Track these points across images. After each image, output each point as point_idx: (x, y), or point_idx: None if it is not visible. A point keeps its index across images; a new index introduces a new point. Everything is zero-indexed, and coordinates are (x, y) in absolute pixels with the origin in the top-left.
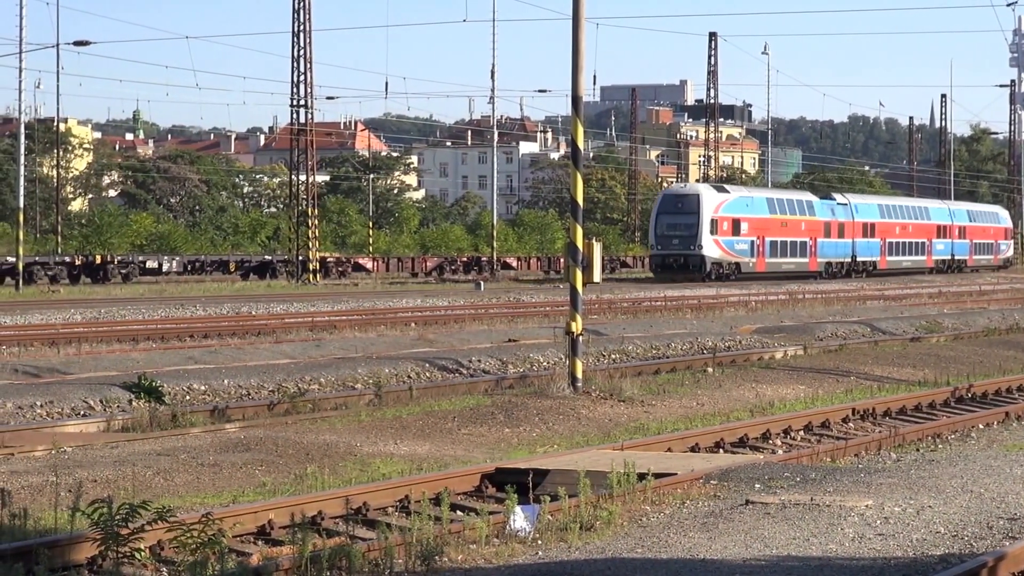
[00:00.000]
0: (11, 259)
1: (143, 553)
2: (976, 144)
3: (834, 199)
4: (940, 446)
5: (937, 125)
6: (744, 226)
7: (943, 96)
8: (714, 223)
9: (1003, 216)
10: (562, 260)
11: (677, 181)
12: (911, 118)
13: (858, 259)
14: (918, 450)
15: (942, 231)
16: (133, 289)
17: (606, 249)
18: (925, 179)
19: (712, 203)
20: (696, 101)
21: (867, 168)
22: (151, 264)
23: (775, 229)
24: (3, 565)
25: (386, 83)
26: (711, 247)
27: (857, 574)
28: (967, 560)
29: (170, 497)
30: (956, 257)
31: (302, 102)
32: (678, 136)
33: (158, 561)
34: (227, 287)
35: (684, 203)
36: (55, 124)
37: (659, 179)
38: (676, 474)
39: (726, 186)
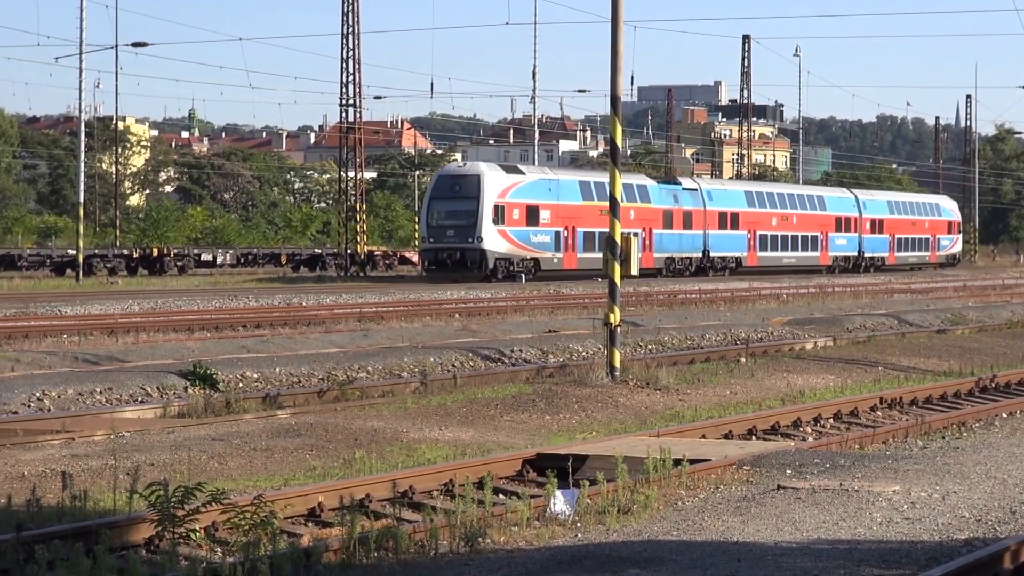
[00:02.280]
0: (72, 251)
1: (198, 534)
2: (1000, 143)
3: (679, 184)
4: (965, 434)
5: (962, 125)
6: (545, 214)
7: (968, 97)
8: (500, 210)
9: (946, 208)
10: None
11: (711, 176)
12: (937, 118)
13: (712, 254)
14: (943, 438)
15: (844, 223)
16: (188, 281)
17: None
18: (950, 177)
19: (497, 186)
20: (730, 101)
21: (894, 166)
22: (206, 257)
23: (591, 219)
24: (65, 544)
25: (431, 83)
26: (494, 239)
27: (885, 557)
28: (991, 544)
29: (224, 480)
30: (867, 254)
31: (351, 102)
32: (712, 135)
33: (212, 542)
34: (278, 278)
35: (462, 186)
36: (114, 122)
37: (692, 175)
38: (710, 460)
39: (521, 166)
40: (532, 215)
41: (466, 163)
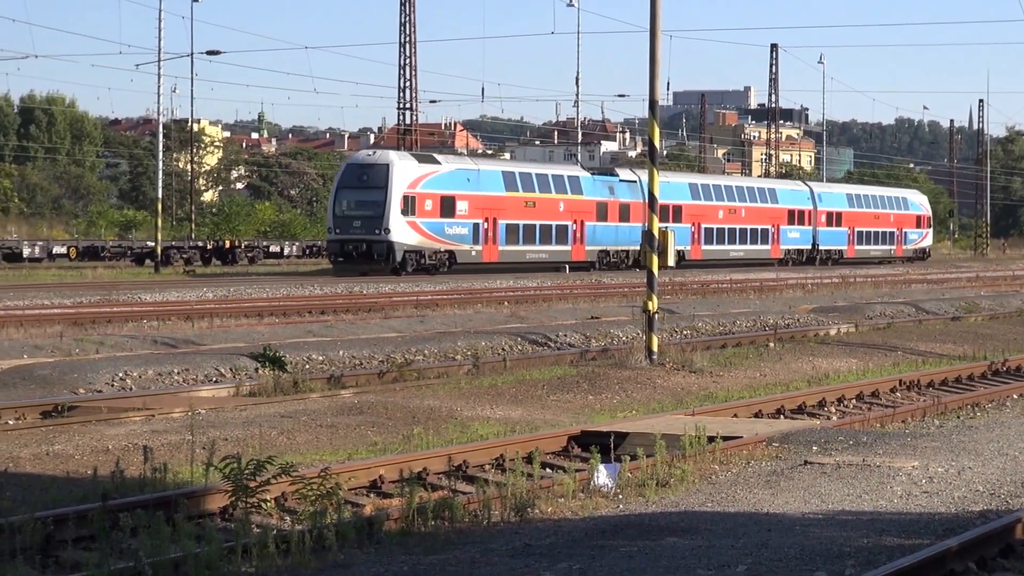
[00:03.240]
0: (150, 243)
1: (269, 504)
2: (1010, 144)
3: (616, 176)
4: (978, 414)
5: (975, 127)
6: (462, 205)
7: (980, 101)
8: (410, 200)
9: (915, 202)
10: None
11: (742, 173)
12: (952, 121)
13: None
14: (959, 417)
15: (798, 216)
16: (258, 270)
17: None
18: (963, 175)
19: (407, 175)
20: (759, 105)
21: (912, 165)
22: (274, 248)
23: (515, 210)
24: (146, 513)
25: (482, 88)
26: (403, 231)
27: (905, 528)
28: (1004, 515)
29: (292, 454)
30: (823, 247)
31: (408, 105)
32: (742, 136)
33: (282, 511)
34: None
35: (370, 175)
36: (189, 124)
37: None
38: (742, 437)
39: (437, 155)
40: (447, 206)
41: (375, 151)
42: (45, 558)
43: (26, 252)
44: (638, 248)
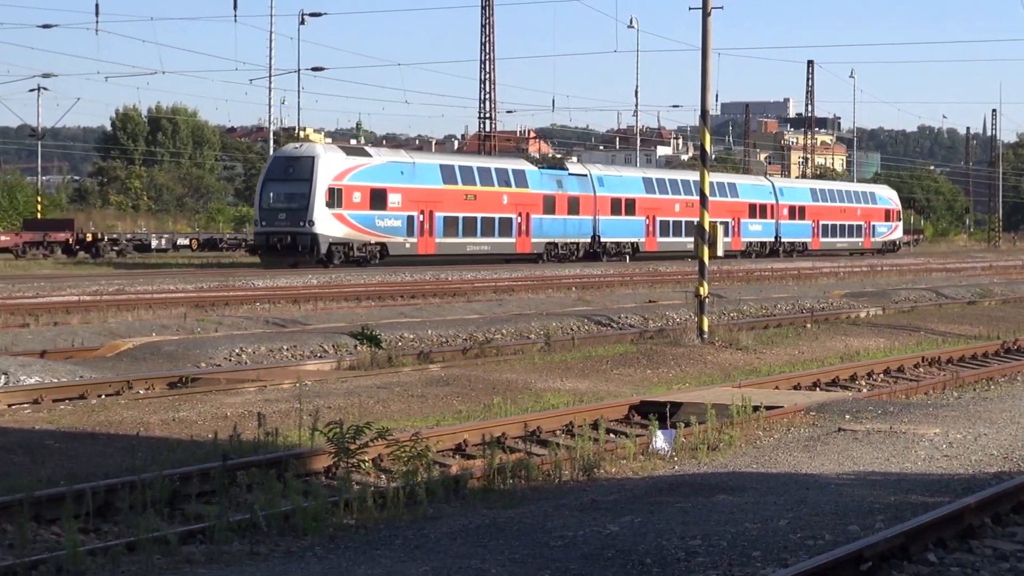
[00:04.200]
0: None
1: (367, 464)
2: (1021, 149)
3: (565, 169)
4: (992, 387)
5: (989, 133)
6: (395, 198)
7: (994, 110)
8: (336, 193)
9: (884, 197)
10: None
11: (781, 175)
12: (968, 128)
13: (604, 240)
14: (975, 390)
15: (760, 210)
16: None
17: None
18: (979, 177)
19: (333, 168)
20: (796, 114)
21: (932, 167)
22: (153, 243)
23: (454, 203)
24: (260, 471)
25: (552, 100)
26: (329, 223)
27: (928, 487)
28: (1016, 476)
29: (387, 421)
30: (785, 239)
31: (487, 115)
32: (782, 142)
33: (378, 470)
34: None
35: (296, 168)
36: (296, 132)
37: (766, 176)
38: (782, 407)
39: (368, 148)
40: (378, 198)
41: (302, 144)
42: (172, 511)
43: (154, 244)
44: (588, 240)
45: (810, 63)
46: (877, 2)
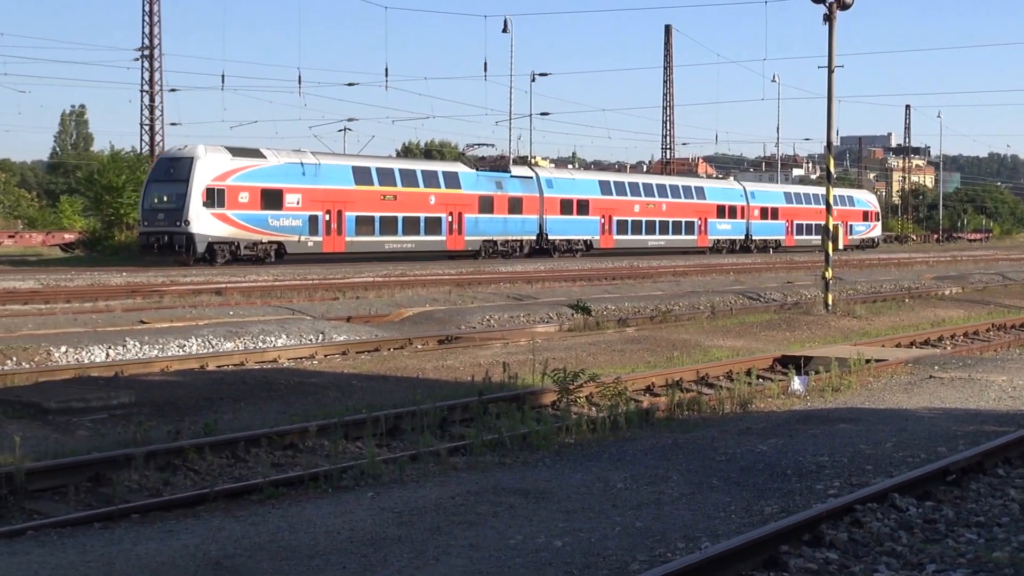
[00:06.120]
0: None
1: (581, 399)
2: None
3: (508, 172)
4: None
5: None
6: (294, 198)
7: None
8: (217, 193)
9: (863, 200)
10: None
11: (885, 192)
12: None
13: (553, 237)
14: None
15: (729, 211)
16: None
17: None
18: None
19: (213, 169)
20: (897, 144)
21: (999, 183)
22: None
23: (368, 203)
24: (505, 404)
25: (716, 135)
26: (208, 223)
27: (998, 419)
28: None
29: (596, 368)
30: (756, 236)
31: (667, 146)
32: (885, 166)
33: (590, 404)
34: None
35: (175, 168)
36: (528, 159)
37: (875, 191)
38: (887, 360)
39: (264, 150)
40: (272, 198)
41: (186, 146)
42: (442, 432)
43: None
44: (533, 238)
45: (907, 107)
46: (959, 56)
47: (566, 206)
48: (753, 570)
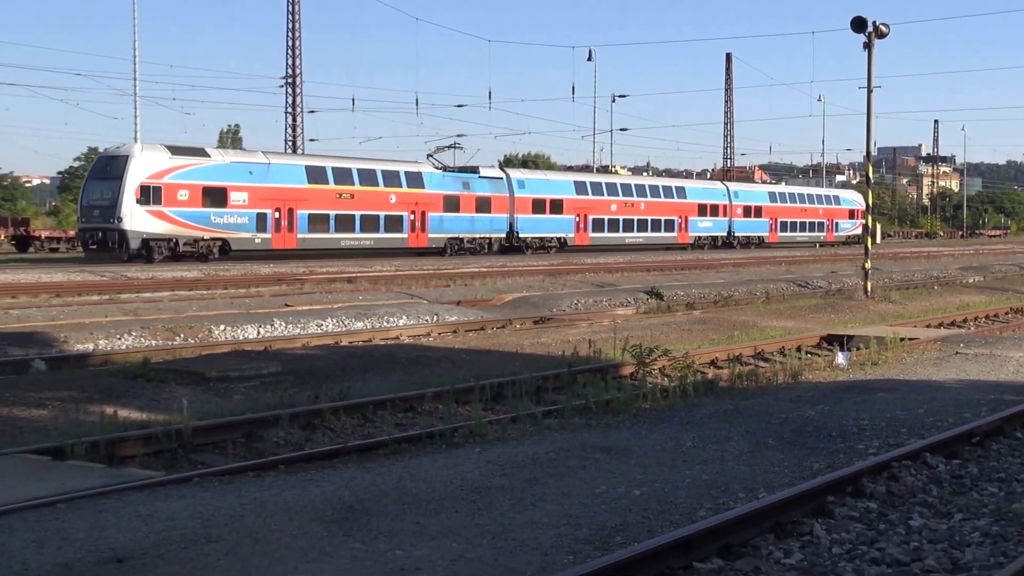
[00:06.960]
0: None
1: (655, 371)
2: None
3: (476, 173)
4: None
5: None
6: (239, 196)
7: None
8: (152, 191)
9: (849, 199)
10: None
11: (917, 196)
12: None
13: (524, 235)
14: None
15: (711, 209)
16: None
17: None
18: None
19: (149, 167)
20: (926, 154)
21: (1016, 187)
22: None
23: (322, 201)
24: (591, 374)
25: (770, 146)
26: (141, 220)
27: (1017, 390)
28: None
29: (668, 344)
30: (739, 233)
31: (728, 156)
32: (916, 172)
33: (662, 375)
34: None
35: (111, 167)
36: (609, 167)
37: (906, 194)
38: (919, 338)
39: (208, 149)
40: (215, 196)
41: (124, 145)
42: (537, 398)
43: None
44: (503, 236)
45: (936, 121)
46: (981, 76)
47: (538, 205)
48: (804, 516)
